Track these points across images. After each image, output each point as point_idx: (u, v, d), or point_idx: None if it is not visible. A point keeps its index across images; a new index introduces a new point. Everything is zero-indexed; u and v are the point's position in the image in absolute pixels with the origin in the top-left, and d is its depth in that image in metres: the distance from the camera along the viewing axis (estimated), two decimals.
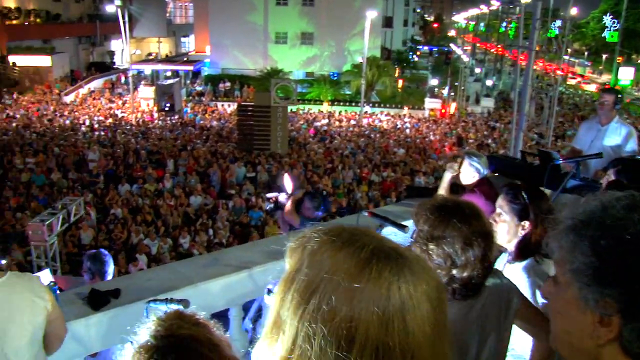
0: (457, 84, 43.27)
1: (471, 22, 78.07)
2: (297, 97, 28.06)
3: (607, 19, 65.08)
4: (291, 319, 0.92)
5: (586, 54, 76.26)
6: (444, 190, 4.99)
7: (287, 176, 5.89)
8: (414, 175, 21.06)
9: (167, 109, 33.56)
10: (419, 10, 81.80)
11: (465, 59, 54.59)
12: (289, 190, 5.64)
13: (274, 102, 24.97)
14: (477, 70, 53.74)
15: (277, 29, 45.89)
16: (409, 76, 53.01)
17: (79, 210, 14.01)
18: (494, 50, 52.89)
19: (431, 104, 39.97)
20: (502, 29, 51.44)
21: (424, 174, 20.96)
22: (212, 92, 42.17)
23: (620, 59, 49.74)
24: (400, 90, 45.02)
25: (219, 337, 1.21)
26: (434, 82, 48.73)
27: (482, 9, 59.28)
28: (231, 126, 29.34)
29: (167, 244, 14.87)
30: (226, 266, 4.00)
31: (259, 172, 20.87)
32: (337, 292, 0.90)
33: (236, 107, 29.55)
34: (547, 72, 36.78)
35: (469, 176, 4.73)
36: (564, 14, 45.61)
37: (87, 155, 21.45)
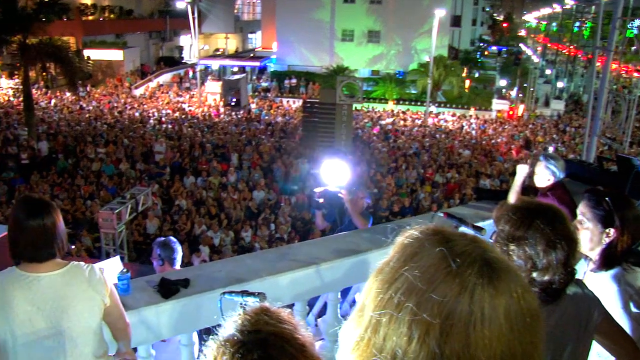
0: (526, 85, 42.23)
1: (543, 21, 75.93)
2: (362, 96, 27.93)
3: None
4: (369, 306, 0.96)
5: None
6: (515, 193, 4.86)
7: (321, 172, 5.82)
8: (479, 177, 20.67)
9: (233, 104, 34.08)
10: (488, 9, 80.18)
11: (535, 59, 53.22)
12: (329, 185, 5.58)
13: (339, 99, 24.94)
14: (548, 71, 52.28)
15: (344, 26, 45.88)
16: (477, 76, 52.07)
17: (146, 200, 14.39)
18: (566, 51, 51.27)
19: (499, 105, 39.11)
20: (576, 29, 49.78)
21: (489, 177, 20.55)
22: (277, 88, 42.53)
23: None
24: (467, 90, 44.30)
25: (305, 336, 1.17)
26: (502, 83, 47.66)
27: (555, 8, 57.60)
28: (296, 122, 29.51)
29: (229, 237, 15.08)
30: (294, 261, 3.98)
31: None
32: (410, 288, 0.91)
33: (301, 104, 29.73)
34: (627, 74, 35.31)
35: (544, 179, 4.57)
36: None
37: (154, 147, 21.98)
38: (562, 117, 38.41)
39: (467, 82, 45.97)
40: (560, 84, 47.04)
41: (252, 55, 51.56)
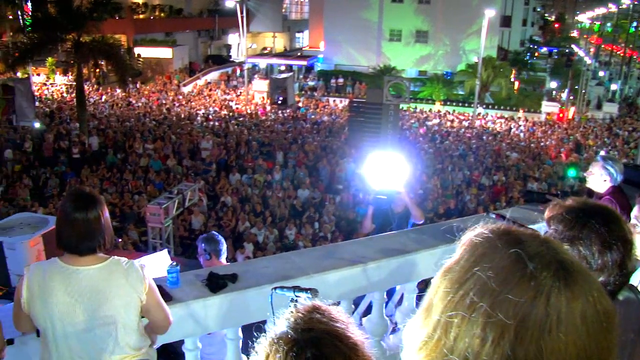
0: (578, 87, 41.26)
1: (596, 21, 74.13)
2: (409, 96, 27.72)
3: None
4: (436, 305, 0.93)
5: None
6: None
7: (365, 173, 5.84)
8: (527, 180, 20.30)
9: (280, 102, 34.27)
10: (539, 9, 78.50)
11: (587, 61, 51.95)
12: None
13: (386, 99, 24.75)
14: (601, 73, 50.97)
15: (392, 26, 45.65)
16: (526, 78, 51.14)
17: (192, 196, 14.58)
18: (620, 52, 49.85)
19: (548, 107, 38.33)
20: (632, 29, 48.34)
21: (537, 180, 20.16)
22: (324, 88, 42.58)
23: None
24: (515, 92, 43.55)
25: (356, 335, 1.16)
26: (552, 84, 46.69)
27: (610, 7, 56.11)
28: (342, 122, 29.47)
29: (273, 234, 15.15)
30: (340, 259, 3.96)
31: None
32: (484, 289, 0.89)
33: (348, 103, 29.64)
34: None
35: (600, 180, 4.42)
36: None
37: (201, 143, 22.25)
38: (615, 121, 37.38)
39: (516, 84, 45.21)
40: (613, 86, 45.80)
41: (299, 54, 51.78)
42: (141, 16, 42.10)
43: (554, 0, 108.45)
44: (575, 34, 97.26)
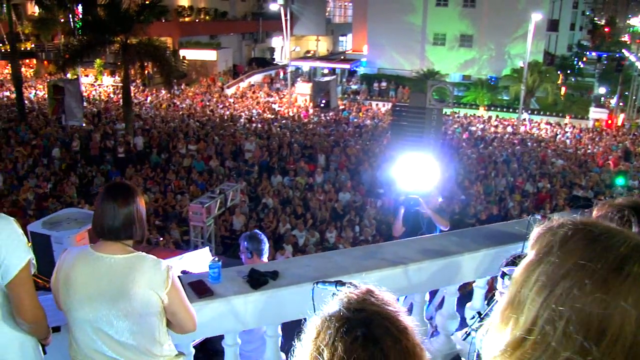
0: (628, 93, 40.20)
1: None
2: (453, 101, 27.45)
3: None
4: (533, 300, 0.91)
5: None
6: None
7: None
8: (572, 188, 19.86)
9: (323, 106, 34.32)
10: (588, 12, 76.91)
11: (639, 66, 50.59)
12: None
13: (429, 103, 24.56)
14: None
15: (436, 30, 45.33)
16: (573, 83, 50.10)
17: (235, 196, 14.71)
18: None
19: (596, 114, 37.37)
20: None
21: (583, 188, 19.69)
22: (367, 91, 42.50)
23: None
24: (562, 98, 42.69)
25: (408, 321, 1.16)
26: (601, 90, 45.58)
27: None
28: (384, 126, 29.36)
29: (314, 237, 15.16)
30: (382, 260, 3.93)
31: None
32: (592, 281, 0.87)
33: (390, 107, 29.49)
34: None
35: None
36: None
37: (243, 145, 22.43)
38: None
39: (563, 89, 44.31)
40: None
41: (342, 57, 51.75)
42: (187, 19, 42.79)
43: (604, 3, 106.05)
44: (626, 38, 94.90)
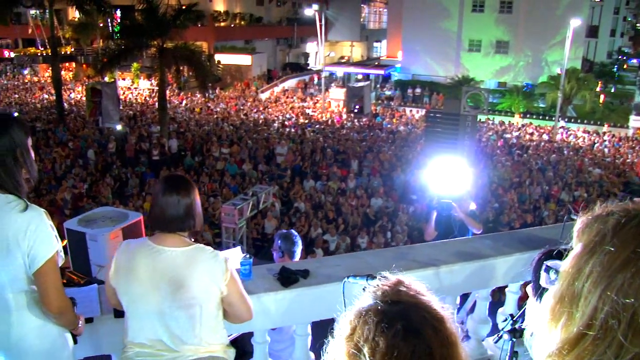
0: None
1: None
2: (488, 107, 27.16)
3: None
4: (590, 293, 0.86)
5: None
6: None
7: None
8: (610, 198, 19.46)
9: (356, 111, 34.28)
10: (630, 18, 75.38)
11: None
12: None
13: (464, 110, 24.36)
14: None
15: (471, 36, 44.95)
16: (613, 91, 49.12)
17: (267, 198, 14.76)
18: None
19: (637, 122, 36.54)
20: None
21: (619, 198, 19.24)
22: (401, 97, 42.36)
23: None
24: (601, 105, 41.89)
25: (442, 309, 1.14)
26: None
27: None
28: (418, 132, 29.20)
29: (345, 242, 15.11)
30: (413, 261, 3.90)
31: None
32: None
33: (424, 113, 29.38)
34: None
35: None
36: None
37: (276, 149, 22.51)
38: None
39: (602, 97, 43.51)
40: None
41: (376, 63, 51.73)
42: (222, 24, 43.21)
43: None
44: None
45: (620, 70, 59.03)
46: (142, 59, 35.21)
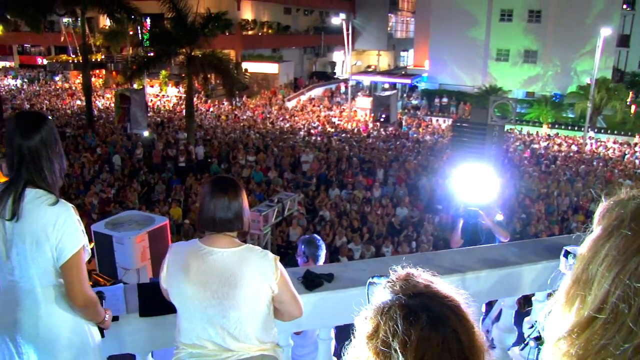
0: None
1: None
2: (515, 117, 26.91)
3: None
4: (603, 276, 0.85)
5: None
6: None
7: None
8: None
9: (382, 120, 34.24)
10: None
11: None
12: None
13: (491, 120, 24.17)
14: None
15: (499, 45, 44.68)
16: None
17: (292, 206, 14.77)
18: None
19: None
20: None
21: None
22: (427, 107, 42.21)
23: None
24: (632, 116, 41.23)
25: (457, 295, 1.14)
26: None
27: None
28: (444, 142, 29.04)
29: (369, 251, 15.04)
30: (439, 267, 3.84)
31: None
32: None
33: (451, 123, 29.21)
34: None
35: None
36: None
37: (302, 157, 22.55)
38: None
39: (633, 108, 42.85)
40: None
41: (403, 72, 51.66)
42: (250, 32, 43.47)
43: None
44: None
45: None
46: (171, 67, 35.62)
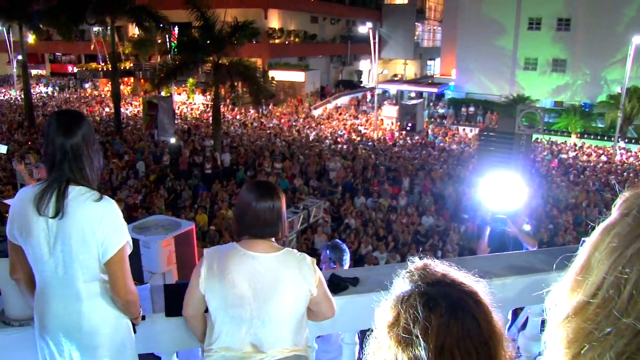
0: None
1: None
2: (543, 127, 26.63)
3: None
4: (601, 262, 0.86)
5: None
6: None
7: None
8: None
9: (409, 129, 34.15)
10: None
11: None
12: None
13: (518, 129, 23.94)
14: None
15: (527, 54, 44.34)
16: None
17: (317, 213, 14.78)
18: None
19: None
20: None
21: None
22: (454, 116, 41.99)
23: None
24: None
25: (474, 283, 1.17)
26: None
27: None
28: (471, 151, 28.85)
29: (395, 260, 14.97)
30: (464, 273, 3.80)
31: None
32: None
33: (478, 132, 29.02)
34: None
35: None
36: None
37: (328, 165, 22.56)
38: None
39: None
40: None
41: (430, 81, 51.50)
42: (277, 41, 43.74)
43: None
44: None
45: None
46: (198, 75, 36.00)
